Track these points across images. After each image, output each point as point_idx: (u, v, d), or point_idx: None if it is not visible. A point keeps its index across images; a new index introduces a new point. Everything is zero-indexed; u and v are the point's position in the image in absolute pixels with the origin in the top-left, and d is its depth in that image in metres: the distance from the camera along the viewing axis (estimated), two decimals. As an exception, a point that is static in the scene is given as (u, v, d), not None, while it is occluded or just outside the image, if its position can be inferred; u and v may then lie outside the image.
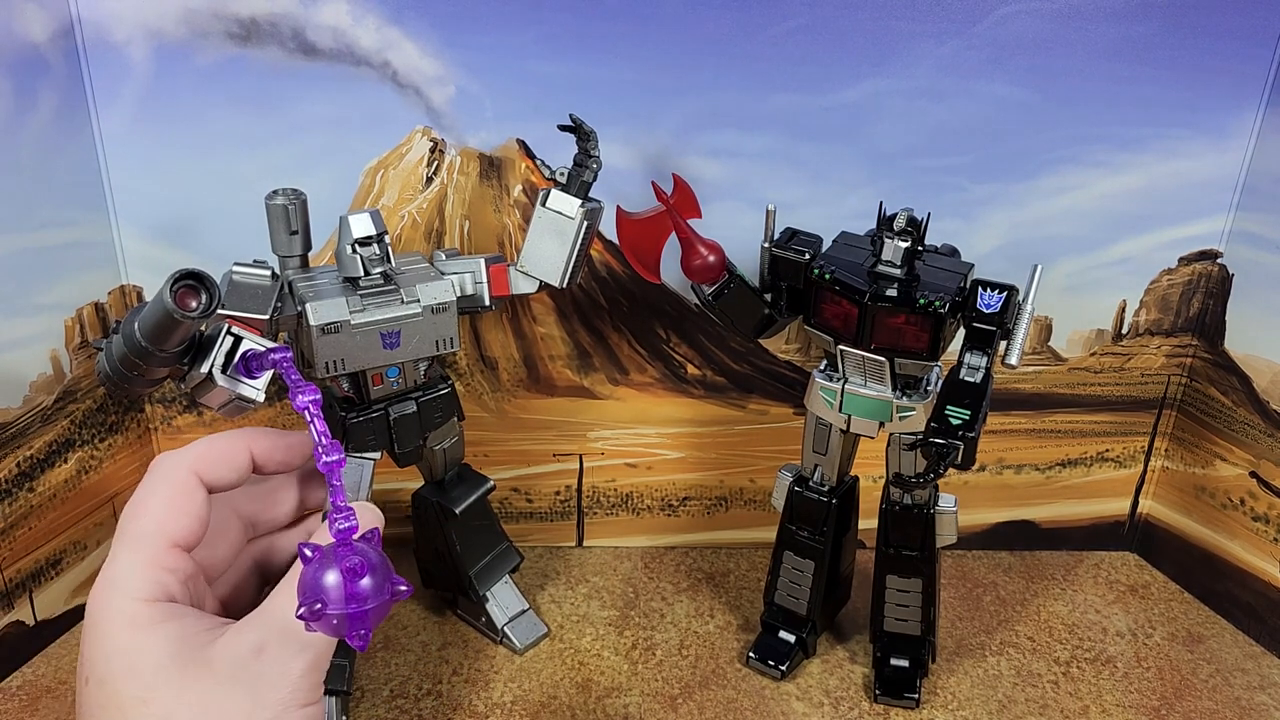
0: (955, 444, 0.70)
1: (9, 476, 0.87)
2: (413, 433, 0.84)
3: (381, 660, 0.93)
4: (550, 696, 0.89)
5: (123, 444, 0.99)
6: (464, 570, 0.92)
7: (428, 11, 0.86)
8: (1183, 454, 1.06)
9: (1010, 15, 0.88)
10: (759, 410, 1.04)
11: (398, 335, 0.78)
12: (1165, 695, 0.91)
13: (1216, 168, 0.94)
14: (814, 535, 0.89)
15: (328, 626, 0.51)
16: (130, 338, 0.66)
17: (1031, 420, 1.06)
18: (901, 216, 0.76)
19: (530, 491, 1.08)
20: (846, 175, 0.93)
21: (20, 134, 0.83)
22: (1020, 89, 0.91)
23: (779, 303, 0.83)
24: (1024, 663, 0.95)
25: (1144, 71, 0.90)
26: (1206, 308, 1.00)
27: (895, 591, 0.89)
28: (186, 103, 0.88)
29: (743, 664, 0.93)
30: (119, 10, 0.85)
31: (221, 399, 0.70)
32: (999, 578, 1.08)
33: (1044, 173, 0.94)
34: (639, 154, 0.92)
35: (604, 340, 1.01)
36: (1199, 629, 1.01)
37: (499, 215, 0.95)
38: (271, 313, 0.74)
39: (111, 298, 0.94)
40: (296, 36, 0.87)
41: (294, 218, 0.77)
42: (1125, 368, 1.04)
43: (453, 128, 0.91)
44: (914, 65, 0.89)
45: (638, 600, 1.02)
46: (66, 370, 0.91)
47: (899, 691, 0.89)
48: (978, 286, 0.76)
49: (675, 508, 1.10)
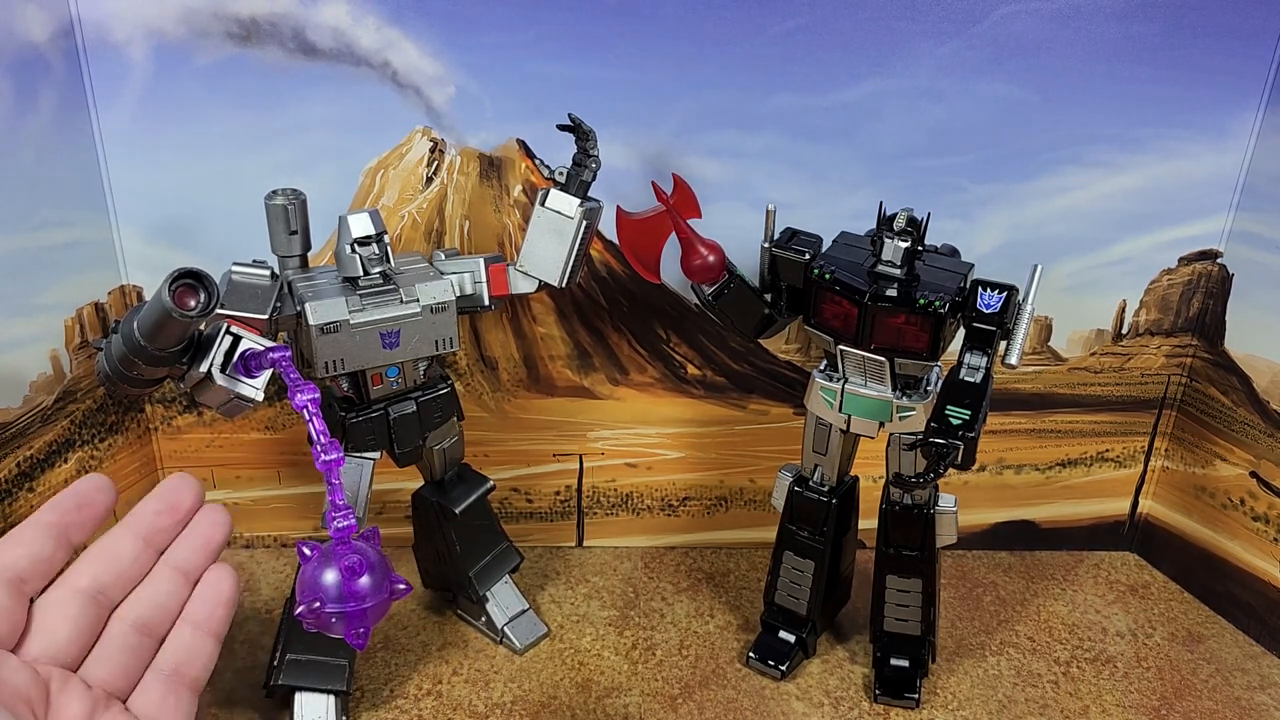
0: (955, 444, 0.70)
1: (9, 476, 0.87)
2: (412, 433, 0.84)
3: (381, 660, 0.93)
4: (550, 696, 0.89)
5: (123, 444, 0.99)
6: (464, 570, 0.92)
7: (428, 11, 0.86)
8: (1183, 454, 1.06)
9: (1010, 15, 0.88)
10: (759, 410, 1.04)
11: (397, 335, 0.78)
12: (1165, 695, 0.91)
13: (1216, 168, 0.94)
14: (814, 535, 0.89)
15: (326, 625, 0.51)
16: (129, 337, 0.66)
17: (1031, 420, 1.06)
18: (901, 216, 0.76)
19: (530, 491, 1.08)
20: (846, 175, 0.93)
21: (20, 134, 0.83)
22: (1020, 89, 0.91)
23: (779, 303, 0.83)
24: (1024, 663, 0.95)
25: (1144, 71, 0.90)
26: (1206, 308, 1.00)
27: (895, 591, 0.89)
28: (186, 103, 0.88)
29: (743, 664, 0.93)
30: (119, 10, 0.85)
31: (220, 398, 0.70)
32: (999, 578, 1.08)
33: (1044, 173, 0.94)
34: (639, 154, 0.92)
35: (604, 340, 1.01)
36: (1199, 629, 1.01)
37: (499, 215, 0.95)
38: (271, 312, 0.74)
39: (111, 298, 0.94)
40: (296, 36, 0.87)
41: (293, 218, 0.77)
42: (1125, 368, 1.04)
43: (453, 128, 0.91)
44: (914, 65, 0.89)
45: (638, 600, 1.02)
46: (66, 370, 0.91)
47: (899, 691, 0.89)
48: (978, 286, 0.76)
49: (675, 508, 1.10)
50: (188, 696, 0.54)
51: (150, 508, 0.56)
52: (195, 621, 0.56)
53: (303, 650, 0.83)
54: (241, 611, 0.98)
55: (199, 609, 0.56)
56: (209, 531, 0.57)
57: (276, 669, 0.83)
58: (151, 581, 0.56)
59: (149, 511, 0.56)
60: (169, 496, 0.56)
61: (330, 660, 0.84)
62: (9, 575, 0.51)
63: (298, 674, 0.83)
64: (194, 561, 0.56)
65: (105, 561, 0.55)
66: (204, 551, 0.56)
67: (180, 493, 0.56)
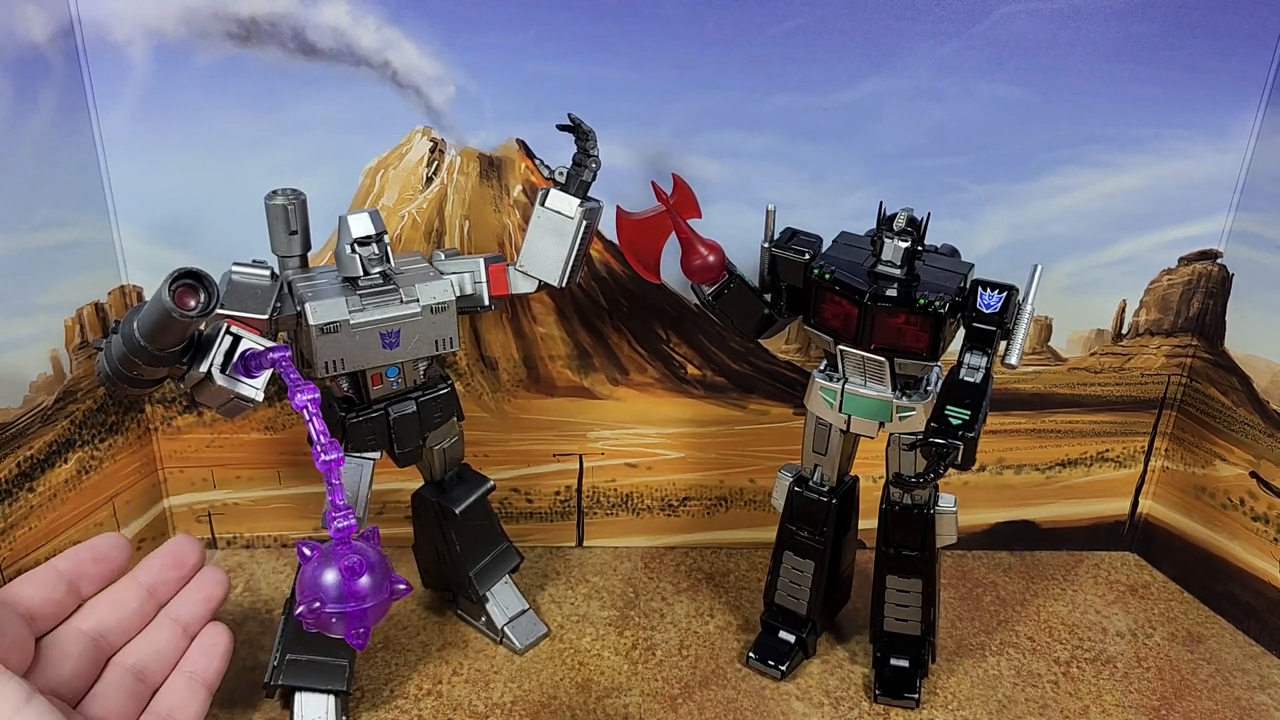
0: (955, 444, 0.70)
1: (9, 476, 0.87)
2: (412, 433, 0.84)
3: (381, 660, 0.93)
4: (550, 696, 0.89)
5: (123, 444, 0.99)
6: (464, 570, 0.92)
7: (428, 11, 0.86)
8: (1183, 454, 1.06)
9: (1010, 15, 0.88)
10: (759, 410, 1.04)
11: (397, 335, 0.78)
12: (1165, 695, 0.91)
13: (1216, 168, 0.94)
14: (814, 535, 0.89)
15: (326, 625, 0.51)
16: (129, 337, 0.66)
17: (1031, 420, 1.06)
18: (901, 216, 0.76)
19: (530, 491, 1.08)
20: (846, 175, 0.93)
21: (20, 134, 0.83)
22: (1020, 89, 0.91)
23: (779, 303, 0.83)
24: (1024, 663, 0.95)
25: (1144, 71, 0.90)
26: (1206, 308, 1.00)
27: (895, 591, 0.89)
28: (186, 103, 0.88)
29: (743, 664, 0.93)
30: (119, 10, 0.85)
31: (220, 398, 0.70)
32: (999, 578, 1.08)
33: (1044, 173, 0.94)
34: (639, 154, 0.92)
35: (604, 340, 1.01)
36: (1199, 629, 1.01)
37: (499, 215, 0.95)
38: (271, 312, 0.74)
39: (111, 298, 0.94)
40: (296, 36, 0.87)
41: (293, 218, 0.77)
42: (1125, 368, 1.04)
43: (453, 128, 0.91)
44: (914, 65, 0.89)
45: (638, 600, 1.02)
46: (66, 370, 0.91)
47: (899, 691, 0.89)
48: (978, 286, 0.76)
49: (675, 508, 1.10)
50: None
51: (157, 562, 0.61)
52: (191, 672, 0.59)
53: (303, 650, 0.83)
54: (241, 611, 0.98)
55: (195, 660, 0.60)
56: (209, 589, 0.63)
57: (276, 669, 0.83)
58: (151, 631, 0.60)
59: (155, 565, 0.61)
60: (175, 552, 0.61)
61: (330, 660, 0.84)
62: (22, 610, 0.54)
63: (298, 674, 0.83)
64: (194, 615, 0.61)
65: (110, 608, 0.59)
66: (204, 607, 0.62)
67: (185, 551, 0.62)
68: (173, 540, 0.61)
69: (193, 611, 0.61)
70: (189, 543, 0.63)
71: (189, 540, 0.62)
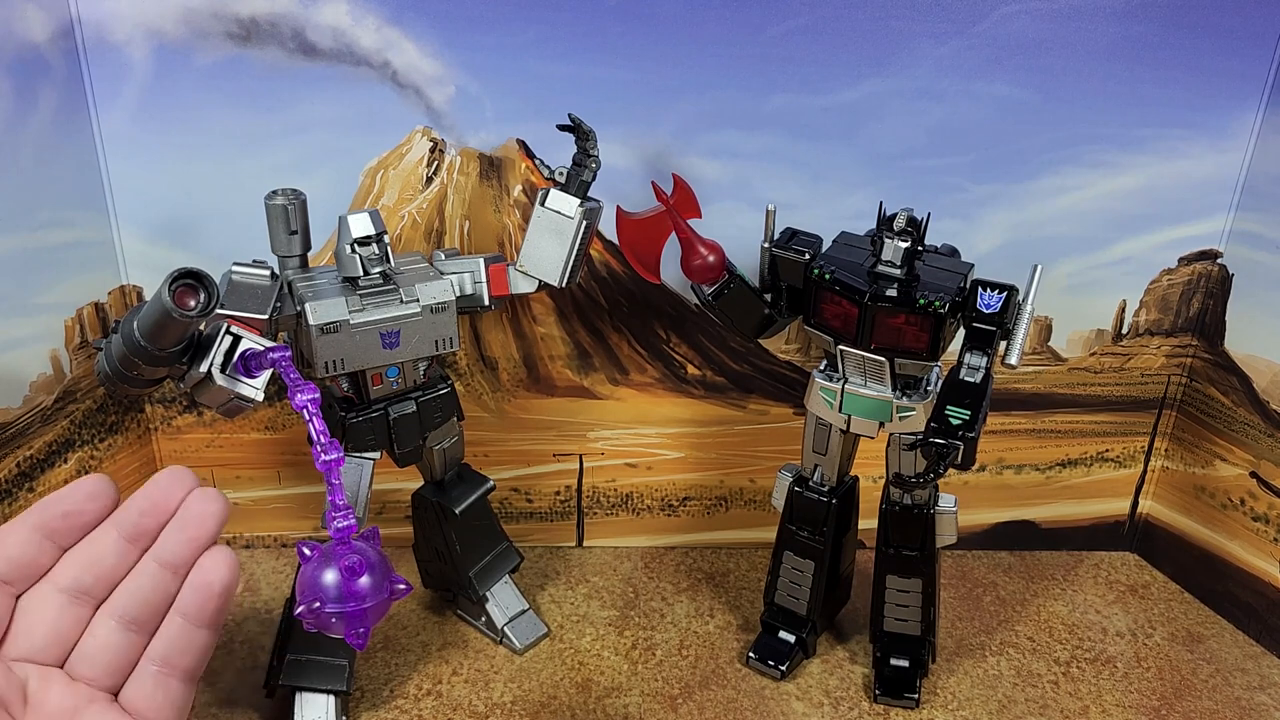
0: (955, 444, 0.70)
1: (9, 476, 0.87)
2: (412, 433, 0.84)
3: (381, 660, 0.93)
4: (550, 696, 0.89)
5: (123, 444, 0.99)
6: (464, 570, 0.92)
7: (428, 11, 0.86)
8: (1183, 454, 1.06)
9: (1010, 15, 0.88)
10: (759, 410, 1.04)
11: (397, 335, 0.78)
12: (1165, 695, 0.91)
13: (1216, 168, 0.94)
14: (814, 535, 0.89)
15: (326, 625, 0.51)
16: (129, 337, 0.66)
17: (1031, 420, 1.06)
18: (901, 216, 0.76)
19: (530, 491, 1.08)
20: (846, 175, 0.93)
21: (20, 134, 0.83)
22: (1020, 89, 0.91)
23: (779, 303, 0.83)
24: (1024, 663, 0.95)
25: (1144, 71, 0.90)
26: (1206, 308, 1.00)
27: (895, 591, 0.89)
28: (186, 103, 0.88)
29: (743, 664, 0.93)
30: (119, 10, 0.85)
31: (220, 398, 0.70)
32: (999, 578, 1.08)
33: (1044, 173, 0.94)
34: (639, 154, 0.92)
35: (604, 340, 1.01)
36: (1199, 629, 1.01)
37: (499, 215, 0.95)
38: (271, 312, 0.74)
39: (111, 298, 0.94)
40: (296, 36, 0.87)
41: (293, 218, 0.77)
42: (1125, 368, 1.03)
43: (453, 128, 0.91)
44: (914, 65, 0.89)
45: (638, 600, 1.02)
46: (66, 370, 0.91)
47: (899, 691, 0.89)
48: (978, 286, 0.76)
49: (675, 508, 1.10)
50: (178, 687, 0.53)
51: (136, 506, 0.55)
52: (185, 613, 0.55)
53: (303, 650, 0.83)
54: (241, 611, 0.98)
55: (188, 600, 0.54)
56: (197, 524, 0.54)
57: (276, 669, 0.84)
58: (135, 577, 0.55)
59: (134, 510, 0.55)
60: (156, 495, 0.55)
61: (330, 660, 0.84)
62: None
63: (298, 674, 0.83)
64: (181, 555, 0.54)
65: (87, 560, 0.54)
66: (191, 545, 0.54)
67: (171, 489, 0.55)
68: (158, 476, 0.54)
69: (179, 551, 0.55)
70: (176, 477, 0.54)
71: (176, 474, 0.54)
